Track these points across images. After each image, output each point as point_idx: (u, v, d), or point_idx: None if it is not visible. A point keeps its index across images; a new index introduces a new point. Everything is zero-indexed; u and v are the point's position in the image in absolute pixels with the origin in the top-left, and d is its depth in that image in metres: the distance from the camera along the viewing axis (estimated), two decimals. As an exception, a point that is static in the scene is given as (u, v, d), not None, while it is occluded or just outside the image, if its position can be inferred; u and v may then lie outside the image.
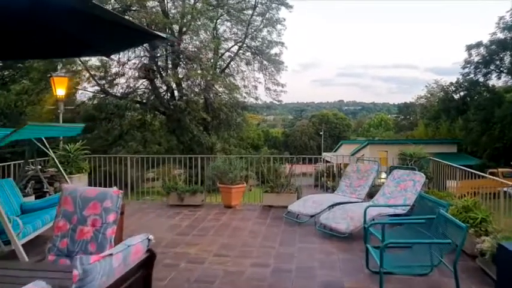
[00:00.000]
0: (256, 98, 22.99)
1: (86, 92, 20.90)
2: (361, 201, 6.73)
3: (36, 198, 6.72)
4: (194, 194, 8.15)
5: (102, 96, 20.74)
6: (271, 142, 57.64)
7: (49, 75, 8.77)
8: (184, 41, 20.46)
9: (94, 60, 20.77)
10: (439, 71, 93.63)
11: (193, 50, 20.00)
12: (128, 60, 19.55)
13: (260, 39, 23.77)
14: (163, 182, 8.36)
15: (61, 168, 6.67)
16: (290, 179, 8.02)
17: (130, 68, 19.60)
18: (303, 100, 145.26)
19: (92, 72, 20.25)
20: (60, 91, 8.75)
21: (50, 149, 6.46)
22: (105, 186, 9.48)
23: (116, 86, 20.56)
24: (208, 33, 22.55)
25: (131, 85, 20.18)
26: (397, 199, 6.20)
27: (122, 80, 20.51)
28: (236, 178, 7.86)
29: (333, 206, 6.46)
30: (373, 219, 5.34)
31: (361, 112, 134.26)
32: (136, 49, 20.13)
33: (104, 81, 20.54)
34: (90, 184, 9.38)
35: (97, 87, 20.63)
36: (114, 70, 20.64)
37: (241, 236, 5.90)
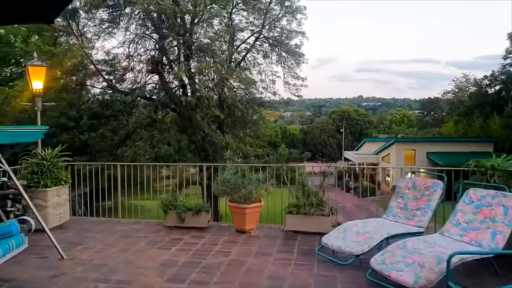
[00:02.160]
0: (274, 93, 21.15)
1: (92, 88, 19.53)
2: (422, 231, 4.90)
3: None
4: (198, 213, 6.43)
5: (109, 92, 19.29)
6: (288, 139, 55.69)
7: (23, 64, 7.13)
8: (196, 32, 18.76)
9: (101, 54, 19.36)
10: (461, 65, 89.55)
11: (206, 41, 18.28)
12: (136, 52, 17.99)
13: (279, 29, 21.89)
14: (160, 200, 6.66)
15: (17, 182, 5.04)
16: (323, 196, 6.20)
17: (137, 61, 18.03)
18: (320, 96, 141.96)
19: (99, 67, 18.80)
20: (37, 84, 7.14)
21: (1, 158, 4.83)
22: (96, 198, 7.87)
23: (124, 82, 19.04)
24: (223, 24, 20.84)
25: (138, 80, 18.63)
26: (479, 233, 4.34)
27: (130, 75, 19.00)
28: (251, 195, 6.10)
29: (387, 239, 4.64)
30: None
31: (380, 108, 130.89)
32: (144, 40, 18.59)
33: (111, 77, 19.06)
34: (76, 199, 7.78)
35: (104, 83, 19.17)
36: (123, 64, 19.15)
37: (259, 284, 4.14)
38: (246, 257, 5.01)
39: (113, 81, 18.96)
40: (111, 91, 18.92)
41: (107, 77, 18.95)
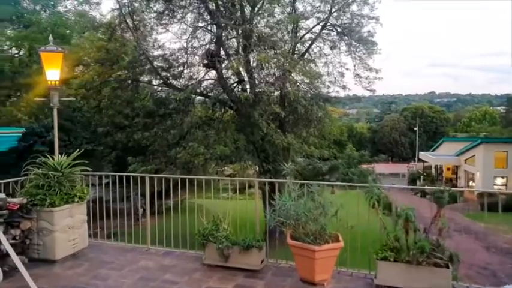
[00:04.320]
0: (344, 87, 18.64)
1: (147, 85, 18.58)
2: None
3: None
4: (248, 250, 4.55)
5: (165, 89, 18.23)
6: (355, 138, 52.18)
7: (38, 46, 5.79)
8: (256, 22, 16.97)
9: (156, 49, 18.38)
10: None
11: (266, 30, 16.42)
12: (191, 45, 16.64)
13: (348, 16, 19.33)
14: (198, 229, 4.89)
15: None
16: (440, 236, 4.00)
17: (192, 54, 16.67)
18: (389, 92, 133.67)
19: (154, 63, 17.78)
20: (52, 73, 5.73)
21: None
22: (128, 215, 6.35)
23: (180, 78, 17.84)
24: (286, 12, 18.86)
25: (194, 76, 17.30)
26: None
27: (186, 71, 17.73)
28: (324, 231, 4.08)
29: None
30: None
31: (456, 104, 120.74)
32: (200, 33, 17.20)
33: (167, 73, 17.96)
34: (96, 217, 6.32)
35: (159, 80, 18.13)
36: (178, 59, 17.98)
37: None
38: None
39: (169, 77, 17.84)
40: (166, 88, 17.82)
41: (163, 73, 17.88)
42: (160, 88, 18.33)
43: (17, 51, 22.34)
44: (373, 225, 4.48)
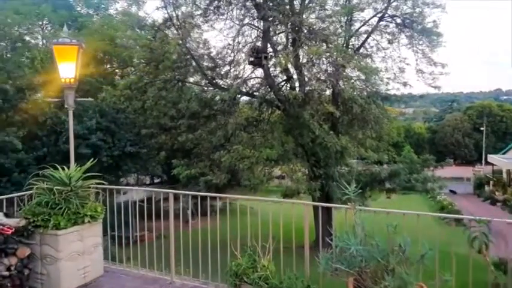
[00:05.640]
0: (405, 84, 16.71)
1: (193, 85, 17.95)
2: None
3: None
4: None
5: (210, 88, 17.47)
6: (413, 139, 48.79)
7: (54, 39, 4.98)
8: (307, 16, 15.68)
9: (201, 48, 17.70)
10: None
11: (317, 23, 15.08)
12: (237, 42, 15.71)
13: (410, 4, 17.39)
14: (231, 263, 3.78)
15: None
16: None
17: (237, 51, 15.72)
18: (448, 90, 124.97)
19: (200, 62, 17.08)
20: (66, 69, 4.91)
21: None
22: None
23: (225, 78, 17.00)
24: (339, 4, 17.39)
25: (240, 74, 16.33)
26: None
27: (231, 69, 16.85)
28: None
29: None
30: None
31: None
32: (246, 29, 16.23)
33: (212, 72, 17.20)
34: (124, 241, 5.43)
35: (204, 80, 17.41)
36: (224, 57, 17.16)
37: None
38: None
39: (214, 76, 17.06)
40: (211, 88, 17.04)
41: (208, 73, 17.13)
42: (205, 88, 17.60)
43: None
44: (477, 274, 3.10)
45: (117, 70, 22.59)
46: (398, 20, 17.86)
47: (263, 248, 3.86)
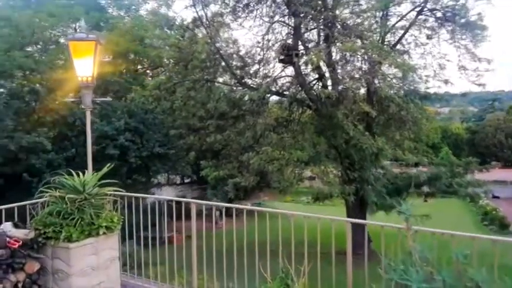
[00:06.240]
0: (446, 82, 15.62)
1: (222, 85, 17.60)
2: None
3: None
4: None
5: (239, 88, 17.06)
6: (450, 140, 46.59)
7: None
8: (340, 12, 14.97)
9: (231, 47, 17.29)
10: None
11: (351, 18, 14.35)
12: (266, 39, 15.20)
13: (451, -2, 16.27)
14: None
15: None
16: None
17: (266, 48, 15.20)
18: (488, 88, 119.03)
19: (229, 61, 16.70)
20: (83, 67, 4.55)
21: None
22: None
23: (254, 77, 16.54)
24: (373, 0, 16.53)
25: (270, 73, 15.82)
26: None
27: (261, 68, 16.37)
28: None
29: None
30: None
31: None
32: (275, 26, 15.69)
33: (241, 71, 16.77)
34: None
35: (233, 80, 17.02)
36: (254, 56, 16.71)
37: None
38: None
39: (243, 75, 16.63)
40: (240, 87, 16.62)
41: (237, 72, 16.73)
42: (234, 88, 17.21)
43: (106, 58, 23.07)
44: None
45: (148, 71, 22.64)
46: (439, 14, 16.79)
47: (297, 257, 3.32)
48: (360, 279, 3.24)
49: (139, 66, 22.93)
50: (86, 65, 4.57)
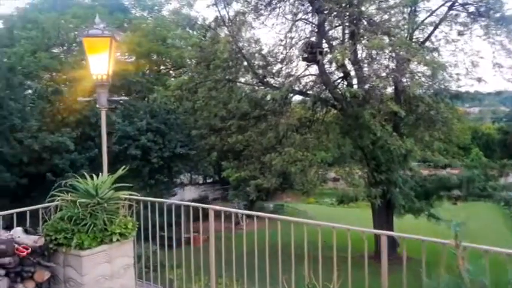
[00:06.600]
0: (479, 80, 14.83)
1: (244, 85, 17.35)
2: None
3: None
4: None
5: (261, 88, 16.76)
6: (481, 141, 44.80)
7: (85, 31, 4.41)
8: (367, 6, 14.44)
9: (253, 46, 17.01)
10: None
11: (377, 14, 13.81)
12: (289, 37, 14.85)
13: (485, -9, 15.46)
14: None
15: None
16: None
17: (289, 46, 14.85)
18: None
19: (251, 61, 16.43)
20: (97, 65, 4.34)
21: None
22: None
23: (277, 76, 16.21)
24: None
25: (293, 72, 15.43)
26: None
27: (284, 67, 16.03)
28: None
29: None
30: None
31: None
32: (299, 23, 15.32)
33: (264, 71, 16.46)
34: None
35: (255, 79, 16.73)
36: (276, 55, 16.38)
37: None
38: None
39: (265, 75, 16.31)
40: (262, 87, 16.31)
41: (259, 71, 16.43)
42: (256, 87, 16.93)
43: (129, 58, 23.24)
44: None
45: (170, 71, 22.66)
46: (472, 8, 15.98)
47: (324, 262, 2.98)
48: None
49: (162, 67, 23.01)
50: (101, 62, 4.36)
